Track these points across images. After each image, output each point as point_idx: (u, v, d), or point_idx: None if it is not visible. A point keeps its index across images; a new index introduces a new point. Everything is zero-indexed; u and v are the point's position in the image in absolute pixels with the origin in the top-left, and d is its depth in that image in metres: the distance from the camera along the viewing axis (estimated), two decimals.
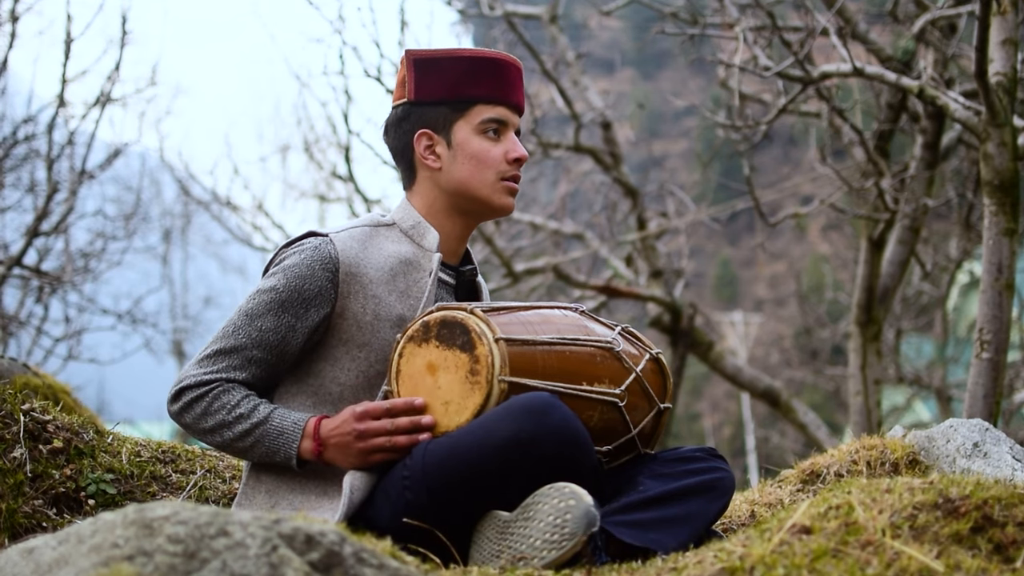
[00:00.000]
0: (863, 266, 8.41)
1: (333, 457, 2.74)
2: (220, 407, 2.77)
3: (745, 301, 42.96)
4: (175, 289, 26.99)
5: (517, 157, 3.00)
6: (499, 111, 2.99)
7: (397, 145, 3.05)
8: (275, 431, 2.75)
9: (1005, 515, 2.14)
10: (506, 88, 3.01)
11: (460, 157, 2.97)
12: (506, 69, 3.01)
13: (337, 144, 13.10)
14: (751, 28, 6.87)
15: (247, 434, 2.76)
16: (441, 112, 2.98)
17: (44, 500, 3.09)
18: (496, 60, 3.00)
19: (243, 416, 2.76)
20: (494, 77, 2.99)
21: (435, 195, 3.02)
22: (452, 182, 2.99)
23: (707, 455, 2.89)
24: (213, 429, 2.78)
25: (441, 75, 2.97)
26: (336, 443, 2.72)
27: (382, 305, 2.86)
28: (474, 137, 2.97)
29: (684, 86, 31.64)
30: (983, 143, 4.83)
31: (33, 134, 8.52)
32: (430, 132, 2.99)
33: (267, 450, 2.76)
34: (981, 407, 4.66)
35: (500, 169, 2.99)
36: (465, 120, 2.98)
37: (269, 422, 2.76)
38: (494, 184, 2.99)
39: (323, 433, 2.73)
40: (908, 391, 16.34)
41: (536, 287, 11.99)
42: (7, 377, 4.26)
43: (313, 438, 2.74)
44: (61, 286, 9.67)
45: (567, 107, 10.51)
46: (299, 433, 2.75)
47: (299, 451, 2.75)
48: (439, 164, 2.99)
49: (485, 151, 2.97)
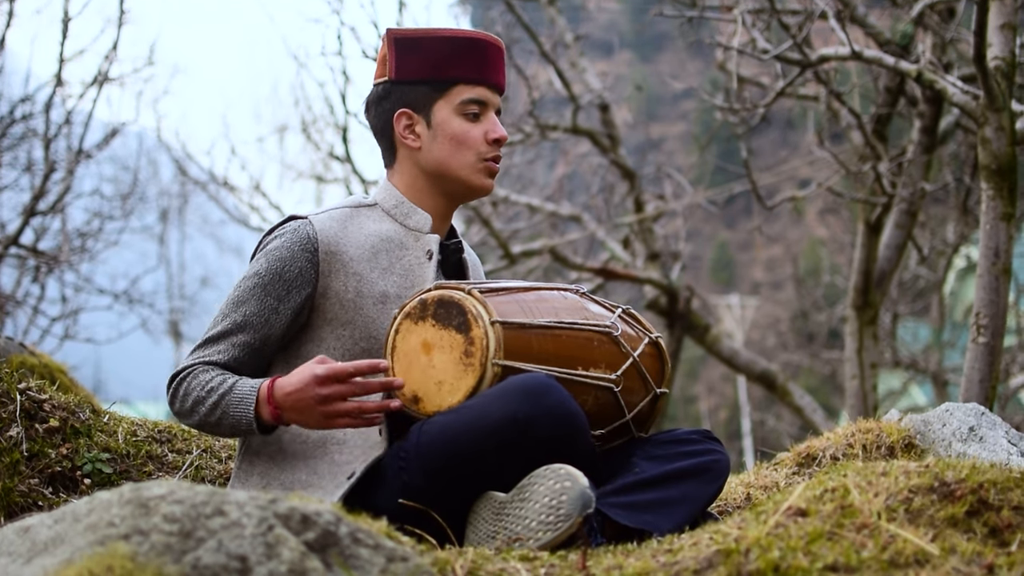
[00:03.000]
0: (860, 250, 8.41)
1: (293, 419, 2.70)
2: (196, 385, 2.78)
3: (742, 284, 42.97)
4: (172, 269, 27.00)
5: (497, 138, 3.00)
6: (479, 91, 2.99)
7: (377, 123, 3.06)
8: (236, 399, 2.73)
9: (1000, 499, 2.14)
10: (487, 68, 3.00)
11: (440, 137, 2.98)
12: (487, 49, 3.01)
13: (335, 125, 13.08)
14: (750, 11, 6.85)
15: (215, 407, 2.74)
16: (421, 92, 2.98)
17: (40, 479, 3.10)
18: (477, 40, 3.00)
19: (213, 389, 2.75)
20: (475, 57, 2.98)
21: (415, 174, 3.03)
22: (432, 162, 2.99)
23: (703, 437, 2.89)
24: (191, 409, 2.78)
25: (422, 55, 2.97)
26: (295, 405, 2.66)
27: (364, 282, 2.87)
28: (454, 118, 2.98)
29: (682, 68, 31.64)
30: (981, 127, 4.82)
31: (30, 113, 8.49)
32: (410, 112, 2.99)
33: (234, 420, 2.73)
34: (977, 391, 4.66)
35: (480, 150, 2.99)
36: (445, 100, 2.98)
37: (232, 391, 2.74)
38: (474, 165, 3.00)
39: (277, 396, 2.68)
40: (904, 375, 16.38)
41: (533, 269, 11.99)
42: (3, 356, 4.26)
43: (267, 401, 2.70)
44: (58, 266, 9.65)
45: (565, 89, 10.49)
46: (255, 397, 2.71)
47: (258, 415, 2.71)
48: (419, 144, 3.00)
49: (465, 132, 2.98)
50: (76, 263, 10.25)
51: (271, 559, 1.72)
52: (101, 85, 8.53)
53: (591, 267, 10.80)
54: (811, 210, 33.70)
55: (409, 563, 1.89)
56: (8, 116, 8.39)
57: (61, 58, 8.11)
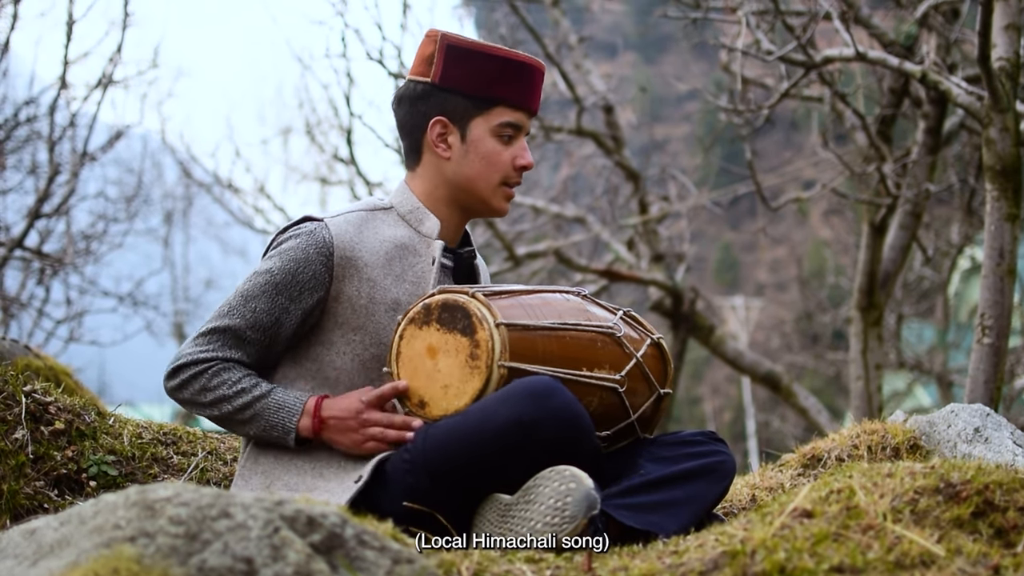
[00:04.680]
0: (864, 251, 8.40)
1: (330, 437, 2.78)
2: (221, 383, 2.80)
3: (746, 285, 42.94)
4: (176, 271, 27.01)
5: (524, 165, 3.01)
6: (518, 116, 2.99)
7: (409, 122, 3.03)
8: (276, 405, 2.79)
9: (1006, 500, 2.14)
10: (529, 94, 3.01)
11: (472, 154, 2.98)
12: (533, 75, 3.01)
13: (339, 127, 13.12)
14: (754, 12, 6.85)
15: (247, 407, 2.79)
16: (462, 104, 2.96)
17: (46, 482, 3.10)
18: (526, 65, 2.99)
19: (245, 390, 2.79)
20: (520, 82, 2.98)
21: (437, 182, 3.02)
22: (458, 175, 2.99)
23: (708, 439, 2.89)
24: (212, 403, 2.81)
25: (471, 68, 2.95)
26: (336, 425, 2.76)
27: (377, 289, 2.87)
28: (489, 137, 2.97)
29: (686, 70, 31.62)
30: (985, 128, 4.82)
31: (35, 116, 8.49)
32: (446, 121, 2.97)
33: (266, 424, 2.79)
34: (982, 392, 4.66)
35: (506, 174, 3.00)
36: (484, 118, 2.97)
37: (271, 396, 2.80)
38: (496, 188, 3.01)
39: (324, 413, 2.77)
40: (909, 376, 16.35)
41: (538, 271, 11.99)
42: (8, 359, 4.27)
43: (313, 415, 2.77)
44: (62, 268, 9.66)
45: (569, 91, 10.50)
46: (299, 408, 2.78)
47: (298, 427, 2.78)
48: (449, 155, 2.99)
49: (496, 153, 2.98)
50: (81, 265, 10.27)
51: (277, 561, 1.72)
52: (105, 87, 8.52)
53: (595, 269, 10.80)
54: (815, 211, 33.71)
55: (415, 565, 1.89)
56: (12, 119, 8.40)
57: (65, 60, 8.11)
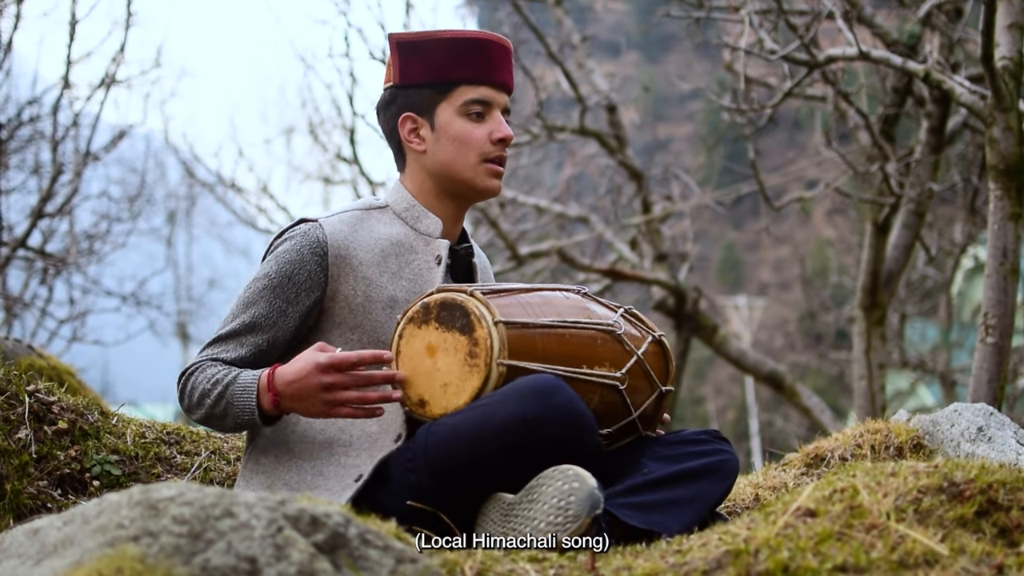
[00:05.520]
0: (868, 250, 8.40)
1: (293, 407, 2.70)
2: (202, 379, 2.78)
3: (749, 285, 42.92)
4: (179, 271, 27.07)
5: (501, 137, 2.98)
6: (482, 91, 2.97)
7: (386, 128, 3.07)
8: (239, 388, 2.73)
9: (1010, 499, 2.14)
10: (489, 68, 2.98)
11: (443, 139, 2.97)
12: (489, 48, 2.99)
13: (342, 126, 13.14)
14: (757, 11, 6.85)
15: (220, 398, 2.74)
16: (425, 95, 2.98)
17: (49, 481, 3.10)
18: (478, 40, 2.98)
19: (218, 382, 2.75)
20: (477, 57, 2.97)
21: (423, 177, 3.03)
22: (436, 164, 2.99)
23: (711, 437, 2.89)
24: (198, 403, 2.79)
25: (423, 58, 2.96)
26: (296, 393, 2.66)
27: (373, 287, 2.87)
28: (456, 119, 2.96)
29: (689, 69, 31.56)
30: (989, 127, 4.82)
31: (38, 115, 8.51)
32: (414, 115, 2.99)
33: (238, 411, 2.73)
34: (985, 392, 4.66)
35: (483, 150, 2.97)
36: (448, 102, 2.97)
37: (236, 381, 2.74)
38: (476, 166, 2.98)
39: (278, 383, 2.68)
40: (912, 376, 16.35)
41: (540, 270, 11.98)
42: (12, 359, 4.27)
43: (268, 389, 2.69)
44: (65, 268, 9.67)
45: (572, 90, 10.50)
46: (255, 386, 2.71)
47: (260, 405, 2.71)
48: (423, 147, 2.99)
49: (467, 132, 2.96)
50: (84, 265, 10.27)
51: (280, 560, 1.72)
52: (108, 87, 8.55)
53: (599, 268, 10.80)
54: (818, 211, 33.69)
55: (418, 564, 1.89)
56: (16, 118, 8.41)
57: (68, 60, 8.13)
